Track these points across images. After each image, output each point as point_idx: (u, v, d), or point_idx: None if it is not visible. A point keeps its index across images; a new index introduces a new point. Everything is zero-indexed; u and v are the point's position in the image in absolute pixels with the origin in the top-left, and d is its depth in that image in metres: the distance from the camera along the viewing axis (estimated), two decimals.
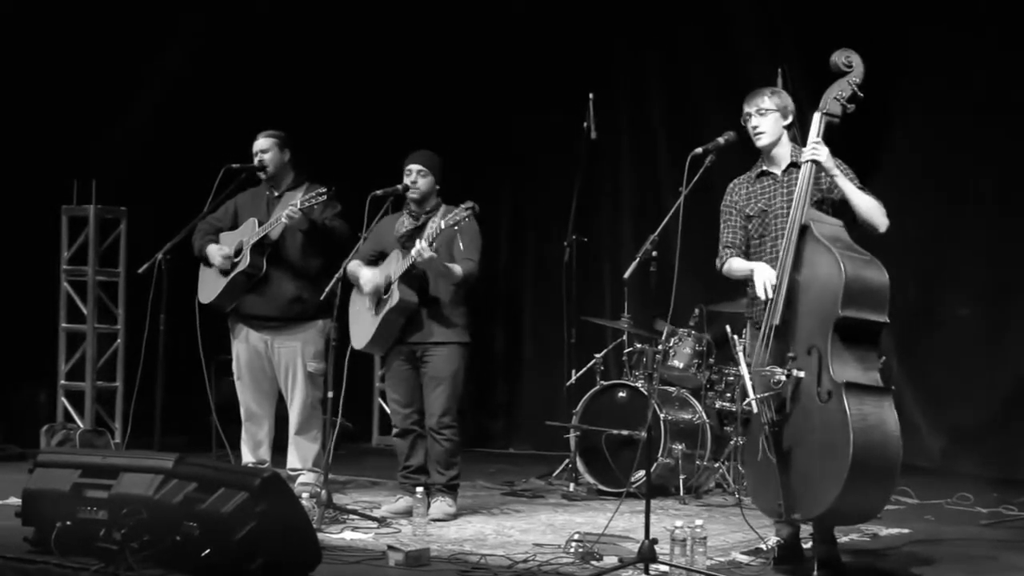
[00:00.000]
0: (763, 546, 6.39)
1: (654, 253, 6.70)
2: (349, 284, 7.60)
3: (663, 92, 11.01)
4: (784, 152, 6.34)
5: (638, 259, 6.80)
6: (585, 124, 9.61)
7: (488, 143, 11.30)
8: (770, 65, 9.49)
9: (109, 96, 10.38)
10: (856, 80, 6.15)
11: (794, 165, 6.27)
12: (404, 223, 7.76)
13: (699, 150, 6.41)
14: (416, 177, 7.70)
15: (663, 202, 10.00)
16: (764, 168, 6.38)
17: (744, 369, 6.16)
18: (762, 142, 6.34)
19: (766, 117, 6.31)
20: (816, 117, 6.17)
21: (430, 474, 7.70)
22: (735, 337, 6.45)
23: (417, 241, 7.47)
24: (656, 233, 6.63)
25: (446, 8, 11.17)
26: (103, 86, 10.32)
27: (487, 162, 11.29)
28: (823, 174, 6.18)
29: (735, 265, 6.40)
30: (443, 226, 7.40)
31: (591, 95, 9.63)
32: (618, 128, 10.93)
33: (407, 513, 7.40)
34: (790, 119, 6.34)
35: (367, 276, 7.70)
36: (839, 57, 6.19)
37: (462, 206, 7.41)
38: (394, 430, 7.86)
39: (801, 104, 6.54)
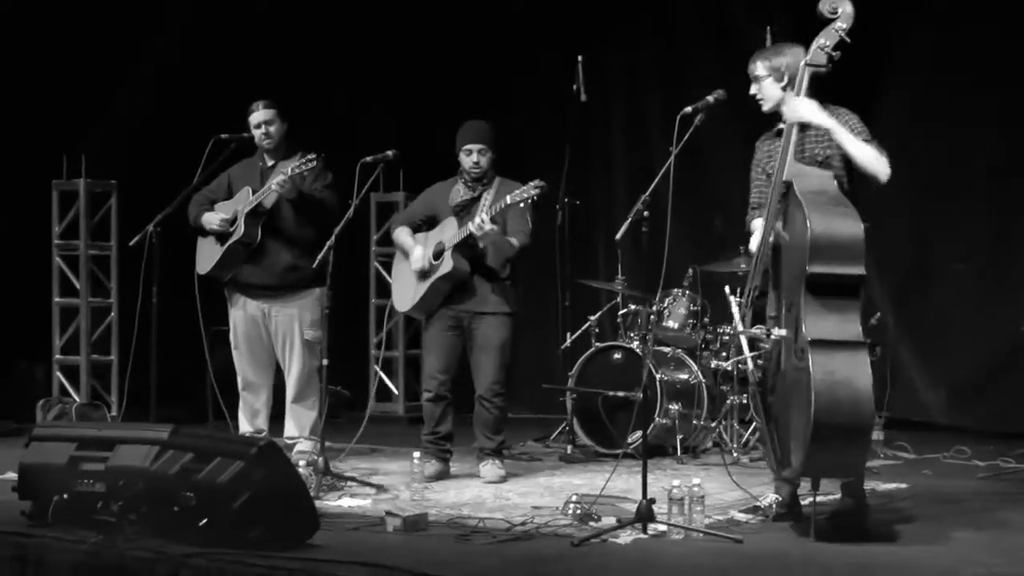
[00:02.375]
0: (760, 504, 6.40)
1: (646, 214, 6.70)
2: (340, 253, 7.57)
3: (653, 52, 10.98)
4: None
5: (629, 220, 6.80)
6: (575, 86, 9.59)
7: (477, 106, 11.22)
8: (760, 24, 9.45)
9: (98, 71, 10.34)
10: (843, 26, 6.04)
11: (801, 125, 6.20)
12: (460, 192, 7.79)
13: (688, 109, 6.37)
14: (478, 157, 7.73)
15: (654, 162, 9.96)
16: (780, 126, 6.33)
17: (740, 329, 6.18)
18: (764, 108, 6.30)
19: (761, 83, 6.28)
20: (800, 68, 6.12)
21: (478, 439, 7.80)
22: (732, 298, 6.45)
23: (479, 213, 7.48)
24: (647, 194, 6.63)
25: None
26: (92, 61, 10.28)
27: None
28: (815, 136, 6.14)
29: (755, 226, 6.38)
30: (509, 201, 7.43)
31: (580, 57, 9.60)
32: (608, 89, 10.90)
33: (439, 477, 7.60)
34: (785, 79, 6.26)
35: (417, 253, 7.74)
36: (824, 5, 6.11)
37: (531, 184, 7.42)
38: (426, 394, 7.88)
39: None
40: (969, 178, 9.74)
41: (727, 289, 6.63)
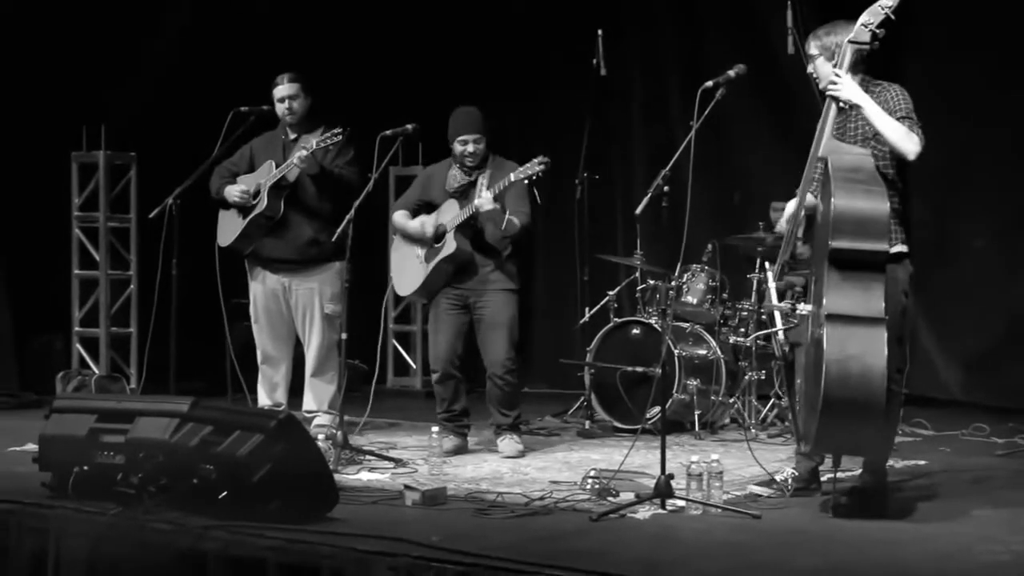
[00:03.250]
0: (777, 478, 6.41)
1: (666, 188, 6.70)
2: (360, 227, 7.57)
3: (673, 26, 10.93)
4: None
5: (649, 195, 6.81)
6: (594, 60, 9.57)
7: (497, 80, 11.24)
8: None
9: (118, 42, 10.33)
10: (889, 4, 5.96)
11: (834, 100, 6.12)
12: (456, 177, 7.78)
13: (709, 84, 6.38)
14: (473, 147, 7.71)
15: (674, 137, 9.94)
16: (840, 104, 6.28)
17: (775, 304, 6.18)
18: (820, 86, 6.23)
19: (815, 62, 6.23)
20: (844, 46, 6.09)
21: (493, 416, 7.83)
22: (770, 273, 6.44)
23: (482, 191, 7.49)
24: (667, 168, 6.64)
25: None
26: (112, 32, 10.27)
27: (496, 99, 11.21)
28: (858, 116, 6.11)
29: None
30: (513, 179, 7.45)
31: (600, 31, 9.58)
32: (628, 63, 10.84)
33: (457, 452, 7.61)
34: (836, 57, 6.20)
35: (416, 224, 7.76)
36: None
37: (535, 160, 7.45)
38: (434, 375, 7.88)
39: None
40: (988, 155, 9.67)
41: (767, 264, 6.62)
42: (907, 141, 5.98)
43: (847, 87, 6.03)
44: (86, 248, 10.30)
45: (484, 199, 7.46)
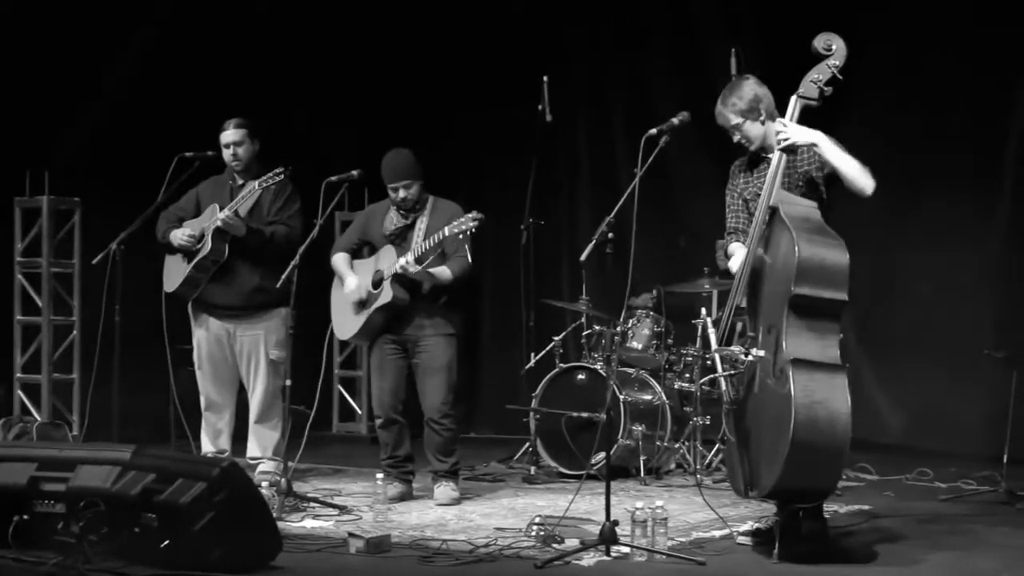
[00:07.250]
0: (760, 526, 6.36)
1: (610, 235, 6.70)
2: (305, 273, 7.55)
3: (618, 72, 11.01)
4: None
5: (594, 241, 6.81)
6: (540, 107, 9.61)
7: (442, 126, 11.26)
8: (725, 44, 9.48)
9: (62, 86, 10.28)
10: (836, 63, 6.13)
11: (788, 150, 6.18)
12: (393, 220, 7.74)
13: (653, 131, 6.41)
14: (404, 193, 7.65)
15: (619, 183, 9.99)
16: (759, 152, 6.33)
17: (727, 348, 6.19)
18: (754, 147, 6.30)
19: (742, 129, 6.27)
20: (792, 100, 6.17)
21: (431, 463, 7.76)
22: (708, 319, 6.46)
23: (406, 256, 7.46)
24: (612, 215, 6.64)
25: None
26: (56, 77, 10.22)
27: (441, 145, 11.25)
28: (801, 156, 6.17)
29: (733, 250, 6.37)
30: (447, 233, 7.41)
31: (545, 77, 9.63)
32: (573, 110, 10.91)
33: (401, 498, 7.58)
34: (763, 112, 6.24)
35: (351, 285, 7.71)
36: (819, 42, 6.17)
37: (468, 216, 7.40)
38: (378, 420, 7.85)
39: None
40: (931, 197, 9.77)
41: (703, 311, 6.65)
42: (865, 177, 6.07)
43: (796, 131, 6.10)
44: (28, 294, 10.21)
45: (408, 264, 7.43)
